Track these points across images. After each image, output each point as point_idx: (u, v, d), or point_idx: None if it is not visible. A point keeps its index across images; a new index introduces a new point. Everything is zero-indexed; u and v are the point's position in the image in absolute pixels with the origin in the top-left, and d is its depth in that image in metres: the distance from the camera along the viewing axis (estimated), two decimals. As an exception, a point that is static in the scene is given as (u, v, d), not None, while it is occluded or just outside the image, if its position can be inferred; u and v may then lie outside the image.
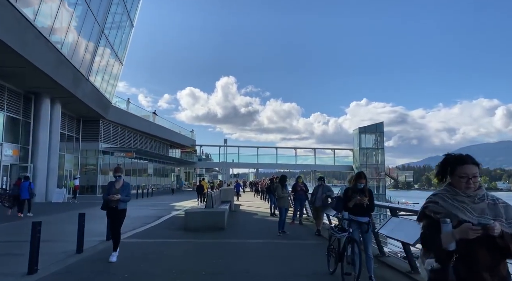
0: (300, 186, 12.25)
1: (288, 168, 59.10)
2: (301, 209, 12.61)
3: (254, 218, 14.30)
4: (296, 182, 12.30)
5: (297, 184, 12.21)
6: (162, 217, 14.07)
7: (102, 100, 28.76)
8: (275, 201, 15.29)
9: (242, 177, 69.56)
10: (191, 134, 60.65)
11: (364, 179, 5.33)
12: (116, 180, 6.81)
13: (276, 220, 13.31)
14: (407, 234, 5.03)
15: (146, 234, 9.69)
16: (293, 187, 12.26)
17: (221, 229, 10.39)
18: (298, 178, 12.40)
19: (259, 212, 16.64)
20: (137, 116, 38.18)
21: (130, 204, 19.83)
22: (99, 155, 31.60)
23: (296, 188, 12.07)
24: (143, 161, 42.27)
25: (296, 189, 12.03)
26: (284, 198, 10.02)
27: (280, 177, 10.38)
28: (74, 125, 30.09)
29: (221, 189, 16.55)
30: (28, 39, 15.91)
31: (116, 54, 29.47)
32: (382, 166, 54.81)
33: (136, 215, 15.52)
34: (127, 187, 6.82)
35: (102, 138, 31.92)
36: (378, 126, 55.70)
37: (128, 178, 37.51)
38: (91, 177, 31.45)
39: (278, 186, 10.10)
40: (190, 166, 60.57)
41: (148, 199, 27.06)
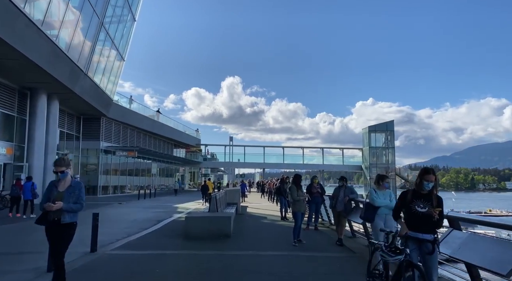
0: (316, 188, 10.89)
1: (295, 168, 57.64)
2: (316, 213, 11.22)
3: (263, 223, 12.93)
4: (312, 183, 10.92)
5: (313, 185, 10.84)
6: (162, 221, 12.77)
7: (103, 97, 27.60)
8: (286, 203, 13.94)
9: (248, 177, 68.35)
10: (196, 133, 59.50)
11: (433, 175, 3.85)
12: (60, 178, 4.40)
13: (289, 225, 11.95)
14: (482, 256, 3.61)
15: (140, 244, 8.37)
16: (308, 189, 10.88)
17: (227, 236, 9.04)
18: (314, 179, 11.01)
19: (268, 215, 15.27)
20: (140, 114, 37.02)
21: (131, 206, 18.24)
22: (100, 154, 30.45)
23: (312, 189, 10.69)
24: (147, 161, 41.14)
25: (312, 191, 10.65)
26: (300, 202, 8.63)
27: (294, 177, 8.98)
28: (74, 123, 28.97)
29: (227, 190, 15.20)
30: (17, 27, 14.71)
31: (117, 49, 28.28)
32: (392, 165, 53.17)
33: (134, 218, 14.27)
34: (77, 189, 4.39)
35: (103, 136, 30.78)
36: (388, 124, 54.05)
37: (131, 178, 36.45)
38: (92, 177, 30.32)
39: (292, 188, 8.71)
40: (195, 166, 59.39)
41: (151, 200, 25.84)
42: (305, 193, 9.79)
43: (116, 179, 33.33)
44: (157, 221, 12.76)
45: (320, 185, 11.18)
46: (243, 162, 56.76)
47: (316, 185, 10.97)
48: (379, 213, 5.82)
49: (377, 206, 5.82)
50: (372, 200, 5.86)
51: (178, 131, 48.88)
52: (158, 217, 14.09)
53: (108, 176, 31.78)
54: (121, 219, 13.96)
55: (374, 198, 5.85)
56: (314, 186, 10.87)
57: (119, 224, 12.28)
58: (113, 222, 13.16)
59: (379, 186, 6.01)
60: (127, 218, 14.36)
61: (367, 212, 5.91)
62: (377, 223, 5.79)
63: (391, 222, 5.86)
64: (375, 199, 5.84)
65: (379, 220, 5.81)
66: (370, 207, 5.88)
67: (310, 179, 11.15)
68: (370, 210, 5.84)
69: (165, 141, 47.15)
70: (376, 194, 5.89)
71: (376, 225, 5.78)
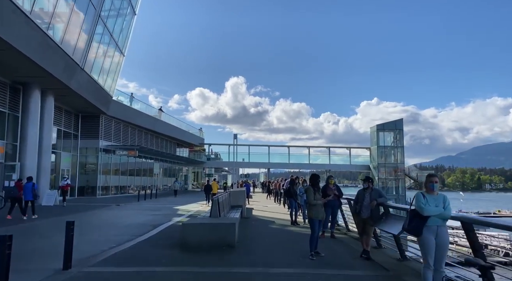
0: (332, 189, 9.53)
1: (300, 167, 56.26)
2: (333, 218, 9.88)
3: (271, 229, 11.60)
4: (327, 183, 9.56)
5: (328, 187, 9.47)
6: (159, 226, 11.48)
7: (102, 94, 26.40)
8: (297, 206, 12.61)
9: (252, 177, 67.07)
10: (200, 133, 58.25)
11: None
12: None
13: (301, 232, 10.62)
14: None
15: (127, 257, 7.06)
16: (323, 190, 9.51)
17: (231, 246, 7.73)
18: (329, 179, 9.65)
19: (276, 219, 13.94)
20: (142, 112, 35.80)
21: (129, 208, 16.60)
22: (100, 154, 29.27)
23: (327, 191, 9.31)
24: (149, 161, 39.96)
25: (327, 192, 9.28)
26: (318, 207, 7.27)
27: (311, 177, 7.60)
28: (72, 121, 27.80)
29: (231, 192, 13.88)
30: (3, 14, 13.51)
31: (116, 44, 27.08)
32: (401, 165, 51.55)
33: (129, 222, 12.98)
34: None
35: (102, 135, 29.59)
36: (397, 123, 52.39)
37: (132, 178, 35.26)
38: (91, 177, 29.15)
39: (309, 190, 7.36)
40: (199, 166, 58.15)
41: (151, 202, 24.60)
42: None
43: (117, 179, 32.15)
44: (153, 226, 11.46)
45: (337, 186, 9.83)
46: (247, 162, 55.43)
47: (332, 186, 9.63)
48: (429, 224, 4.47)
49: (425, 216, 4.47)
50: (420, 207, 4.50)
51: (181, 130, 47.67)
52: (155, 221, 12.81)
53: (107, 176, 30.61)
54: (114, 224, 12.70)
55: (422, 205, 4.50)
56: (329, 187, 9.52)
57: (110, 230, 11.01)
58: (105, 227, 11.90)
59: (428, 189, 4.65)
60: (121, 222, 13.10)
61: (412, 222, 4.55)
62: (427, 238, 4.44)
63: (444, 236, 4.51)
64: (423, 206, 4.48)
65: (429, 234, 4.46)
66: (416, 217, 4.52)
67: (326, 179, 9.79)
68: (416, 221, 4.48)
69: (167, 140, 45.95)
70: (424, 200, 4.53)
71: (426, 241, 4.43)
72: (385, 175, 51.54)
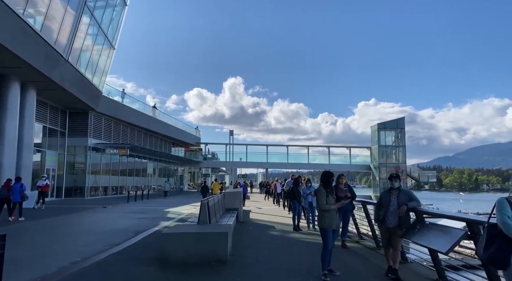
0: (344, 191, 8.05)
1: (299, 167, 54.77)
2: (345, 224, 8.41)
3: (271, 236, 10.08)
4: (337, 183, 8.05)
5: (339, 187, 7.97)
6: (141, 233, 9.95)
7: (90, 89, 24.82)
8: (300, 209, 11.11)
9: (250, 177, 65.60)
10: (196, 132, 56.67)
11: None
12: None
13: (305, 240, 9.13)
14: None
15: (89, 276, 5.54)
16: (333, 192, 8.02)
17: (221, 262, 6.22)
18: (340, 178, 8.14)
19: (275, 223, 12.44)
20: (134, 109, 34.24)
21: (115, 211, 14.76)
22: (88, 152, 27.67)
23: (338, 193, 7.79)
24: (142, 160, 38.38)
25: (338, 195, 7.76)
26: (331, 213, 5.76)
27: (322, 175, 6.01)
28: (58, 118, 26.19)
29: (225, 193, 12.35)
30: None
31: (106, 35, 25.52)
32: (403, 165, 50.17)
33: (110, 227, 11.45)
34: None
35: (91, 133, 27.99)
36: (399, 122, 51.08)
37: (124, 179, 33.69)
38: (79, 177, 27.55)
39: (320, 192, 5.84)
40: (195, 166, 56.58)
41: (142, 203, 23.05)
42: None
43: (107, 180, 30.56)
44: (134, 233, 9.94)
45: (349, 187, 8.34)
46: (245, 161, 53.96)
47: (343, 186, 8.14)
48: None
49: None
50: (506, 224, 2.97)
51: (176, 129, 46.09)
52: (139, 226, 11.29)
53: (97, 176, 29.02)
54: (91, 230, 11.16)
55: (509, 220, 2.96)
56: (340, 188, 8.03)
57: (84, 238, 9.48)
58: (79, 234, 10.36)
59: None
60: (100, 227, 11.57)
61: (491, 246, 3.02)
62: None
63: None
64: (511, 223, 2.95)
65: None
66: (498, 237, 3.00)
67: (335, 179, 8.29)
68: (499, 244, 2.95)
69: (162, 139, 44.36)
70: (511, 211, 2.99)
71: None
72: (386, 175, 50.09)
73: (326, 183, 5.89)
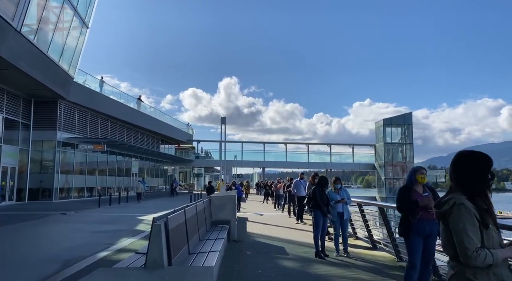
0: (425, 196, 4.31)
1: (299, 166, 50.99)
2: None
3: (285, 270, 6.25)
4: (414, 188, 4.30)
5: (416, 192, 4.24)
6: (73, 265, 6.12)
7: (57, 72, 20.85)
8: (326, 224, 7.30)
9: (246, 177, 61.80)
10: (187, 128, 52.68)
11: None
12: None
13: (341, 277, 5.38)
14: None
15: None
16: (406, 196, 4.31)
17: None
18: (421, 174, 4.38)
19: (285, 242, 8.65)
20: (115, 100, 30.26)
21: (75, 219, 10.36)
22: (57, 148, 23.68)
23: (416, 198, 4.06)
24: (126, 158, 34.42)
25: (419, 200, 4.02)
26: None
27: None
28: (19, 107, 22.20)
29: (212, 199, 8.44)
30: None
31: (75, 11, 21.55)
32: (411, 164, 46.59)
33: (43, 250, 7.62)
34: None
35: (61, 125, 24.00)
36: (406, 117, 47.53)
37: (103, 179, 29.71)
38: (46, 177, 23.54)
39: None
40: (187, 165, 52.62)
41: (116, 208, 19.14)
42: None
43: (82, 180, 26.57)
44: (63, 265, 6.09)
45: (432, 189, 4.59)
46: (240, 160, 50.11)
47: (421, 189, 4.38)
48: None
49: None
50: None
51: (165, 124, 42.12)
52: (84, 249, 7.47)
53: (68, 175, 25.03)
54: (8, 256, 7.26)
55: None
56: (418, 192, 4.31)
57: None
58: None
59: None
60: (26, 251, 7.68)
61: None
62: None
63: None
64: None
65: None
66: None
67: (410, 174, 4.55)
68: None
69: (149, 135, 40.36)
70: None
71: None
72: (393, 175, 46.61)
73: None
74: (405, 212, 4.33)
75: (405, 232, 4.35)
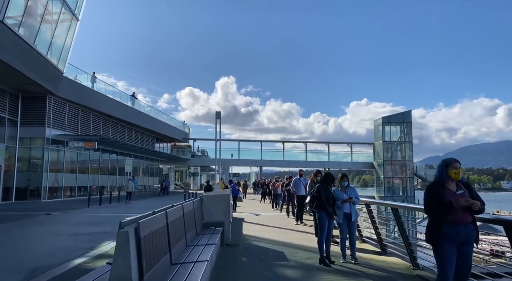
0: (461, 194, 3.49)
1: (296, 165, 50.18)
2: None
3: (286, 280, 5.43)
4: (446, 185, 3.49)
5: (449, 191, 3.43)
6: (52, 269, 5.28)
7: (45, 66, 19.91)
8: (331, 227, 6.48)
9: (243, 177, 60.96)
10: (183, 126, 51.76)
11: None
12: None
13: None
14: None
15: None
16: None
17: None
18: (451, 170, 3.57)
19: (285, 245, 7.85)
20: (107, 97, 29.27)
21: (59, 220, 9.85)
22: (46, 146, 22.74)
23: (450, 197, 3.25)
24: (120, 157, 33.46)
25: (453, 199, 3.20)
26: None
27: None
28: (6, 102, 21.25)
29: (203, 198, 7.59)
30: None
31: (64, 2, 20.60)
32: (410, 163, 45.96)
33: (17, 255, 6.74)
34: None
35: (51, 122, 23.06)
36: (405, 115, 46.80)
37: (95, 177, 28.78)
38: (35, 176, 22.58)
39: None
40: (183, 164, 51.66)
41: (106, 208, 18.24)
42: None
43: (73, 179, 25.61)
44: (28, 276, 5.25)
45: (468, 187, 3.77)
46: (237, 159, 49.23)
47: (453, 185, 3.57)
48: None
49: None
50: None
51: (160, 122, 41.17)
52: (61, 256, 6.64)
53: (58, 174, 24.08)
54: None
55: None
56: (452, 191, 3.50)
57: None
58: None
59: None
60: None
61: None
62: None
63: None
64: None
65: None
66: None
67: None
68: None
69: (143, 133, 39.43)
70: None
71: None
72: (391, 174, 45.90)
73: None
74: (436, 216, 3.52)
75: (434, 238, 3.53)
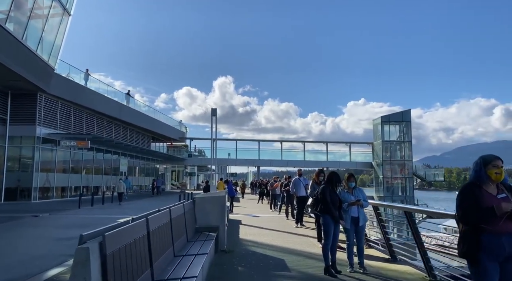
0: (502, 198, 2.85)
1: (295, 165, 49.56)
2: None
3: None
4: (484, 188, 2.86)
5: (488, 195, 2.80)
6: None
7: (35, 62, 19.18)
8: (337, 233, 5.84)
9: (240, 176, 60.35)
10: (180, 126, 51.02)
11: None
12: None
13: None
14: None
15: None
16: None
17: None
18: (492, 169, 2.94)
19: (285, 251, 7.22)
20: (101, 94, 28.53)
21: (45, 223, 9.98)
22: (37, 144, 22.00)
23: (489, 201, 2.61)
24: (115, 156, 32.72)
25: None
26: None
27: None
28: (-6, 100, 20.53)
29: (196, 200, 6.93)
30: None
31: (56, -5, 19.89)
32: (409, 162, 45.42)
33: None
34: None
35: (42, 120, 22.32)
36: (405, 114, 46.27)
37: (89, 177, 28.04)
38: (25, 176, 21.84)
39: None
40: (180, 164, 50.92)
41: (97, 209, 17.55)
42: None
43: (65, 179, 24.87)
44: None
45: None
46: (234, 159, 48.55)
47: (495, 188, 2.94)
48: None
49: None
50: None
51: (156, 121, 40.43)
52: (38, 264, 6.02)
53: (50, 174, 23.34)
54: None
55: None
56: (492, 195, 2.86)
57: None
58: None
59: None
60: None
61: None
62: None
63: None
64: None
65: None
66: None
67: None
68: None
69: (139, 132, 38.70)
70: None
71: None
72: (391, 173, 45.33)
73: None
74: (474, 223, 2.89)
75: (471, 252, 2.90)
